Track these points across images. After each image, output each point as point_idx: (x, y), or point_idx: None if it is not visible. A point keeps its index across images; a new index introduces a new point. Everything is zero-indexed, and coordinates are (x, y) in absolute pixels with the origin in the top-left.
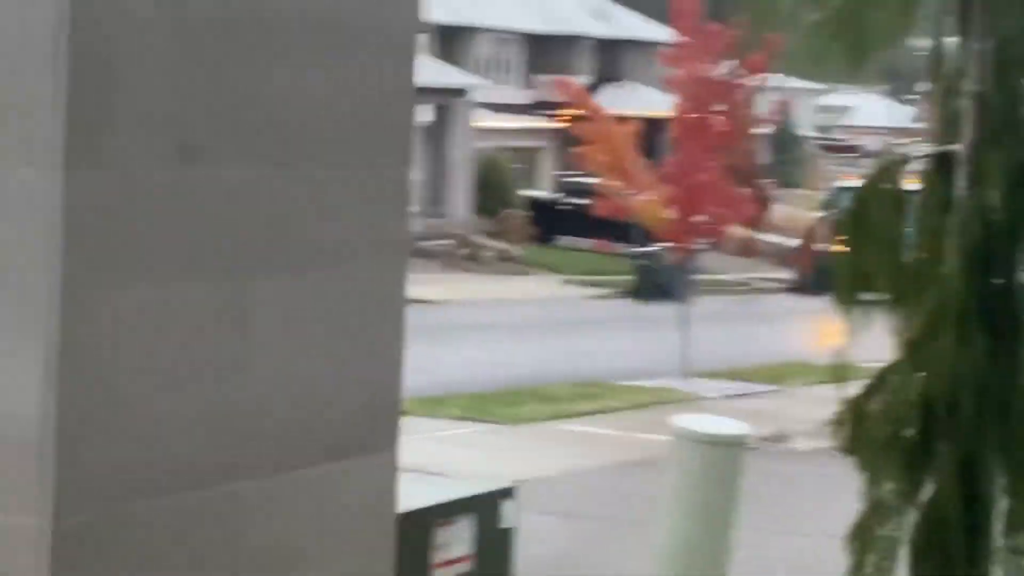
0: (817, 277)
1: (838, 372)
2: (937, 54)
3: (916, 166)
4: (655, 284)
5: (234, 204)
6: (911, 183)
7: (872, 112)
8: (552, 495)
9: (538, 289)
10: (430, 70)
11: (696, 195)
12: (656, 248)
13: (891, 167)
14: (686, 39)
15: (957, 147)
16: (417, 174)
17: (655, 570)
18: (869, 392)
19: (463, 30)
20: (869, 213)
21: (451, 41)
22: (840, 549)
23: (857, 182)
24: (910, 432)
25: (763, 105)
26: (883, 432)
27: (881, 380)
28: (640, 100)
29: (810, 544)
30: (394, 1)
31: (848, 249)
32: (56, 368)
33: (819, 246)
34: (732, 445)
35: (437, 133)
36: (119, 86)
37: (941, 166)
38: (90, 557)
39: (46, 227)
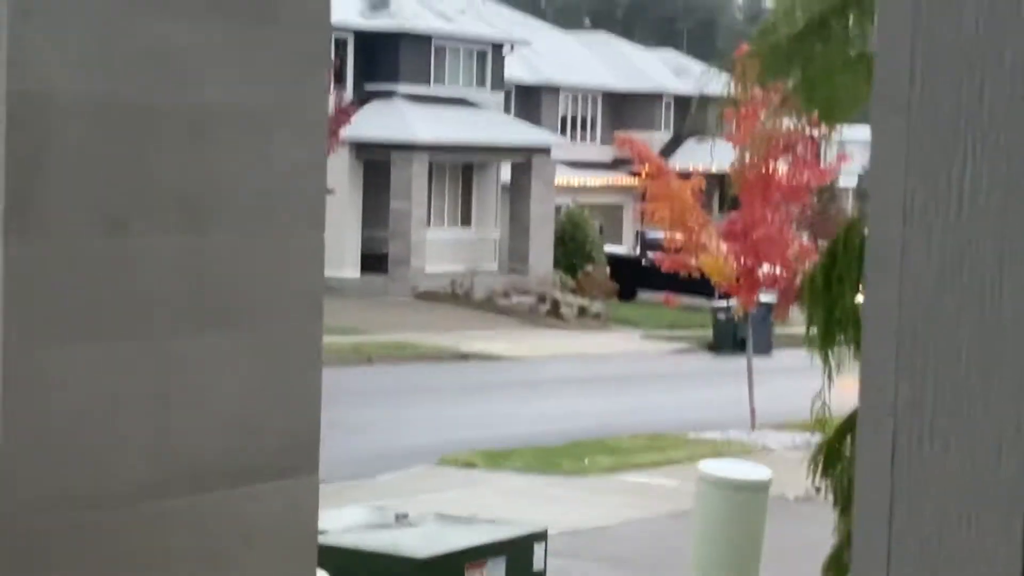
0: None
1: (817, 420)
2: None
3: None
4: (732, 337)
5: (158, 270)
6: None
7: None
8: (606, 543)
9: (617, 343)
10: (511, 129)
11: (759, 249)
12: (732, 302)
13: (858, 221)
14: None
15: None
16: (498, 231)
17: None
18: (842, 432)
19: (544, 89)
20: (838, 265)
21: (532, 100)
22: None
23: None
24: None
25: (828, 157)
26: (854, 470)
27: (853, 421)
28: (721, 156)
29: None
30: (304, 89)
31: (820, 298)
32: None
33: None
34: (755, 490)
35: (518, 191)
36: (50, 167)
37: None
38: (26, 566)
39: None
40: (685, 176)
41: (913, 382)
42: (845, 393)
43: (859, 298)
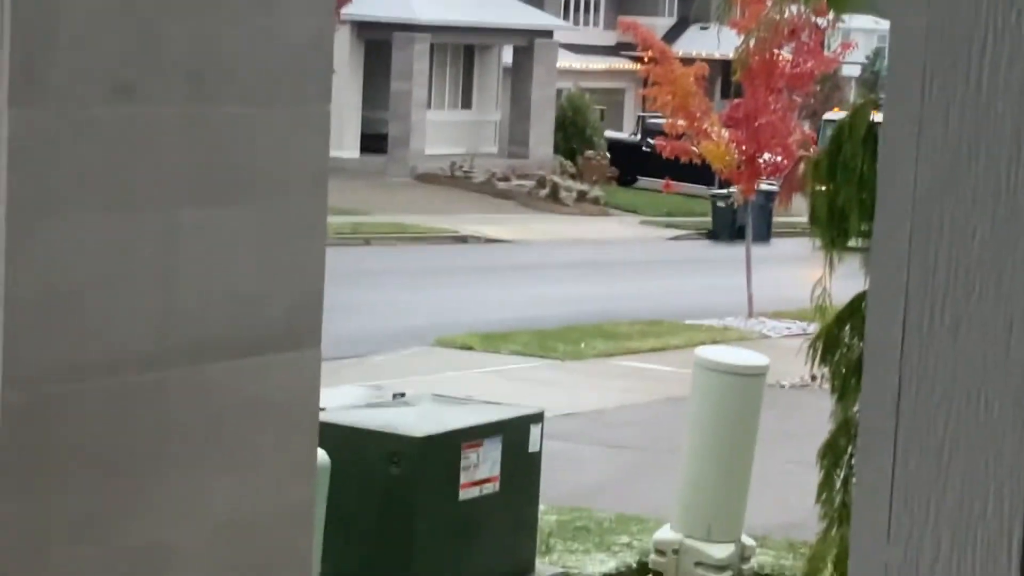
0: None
1: (818, 307)
2: None
3: None
4: (731, 225)
5: (164, 139)
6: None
7: None
8: (600, 426)
9: (616, 229)
10: (513, 11)
11: (761, 136)
12: (733, 189)
13: (864, 107)
14: None
15: None
16: (498, 114)
17: (677, 496)
18: (841, 319)
19: None
20: (842, 152)
21: None
22: None
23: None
24: None
25: (832, 45)
26: (852, 356)
27: (852, 307)
28: (727, 43)
29: None
30: None
31: (823, 187)
32: (3, 277)
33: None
34: (751, 376)
35: (519, 74)
36: (56, 34)
37: None
38: (30, 433)
39: None
40: (688, 62)
41: (925, 262)
42: (845, 282)
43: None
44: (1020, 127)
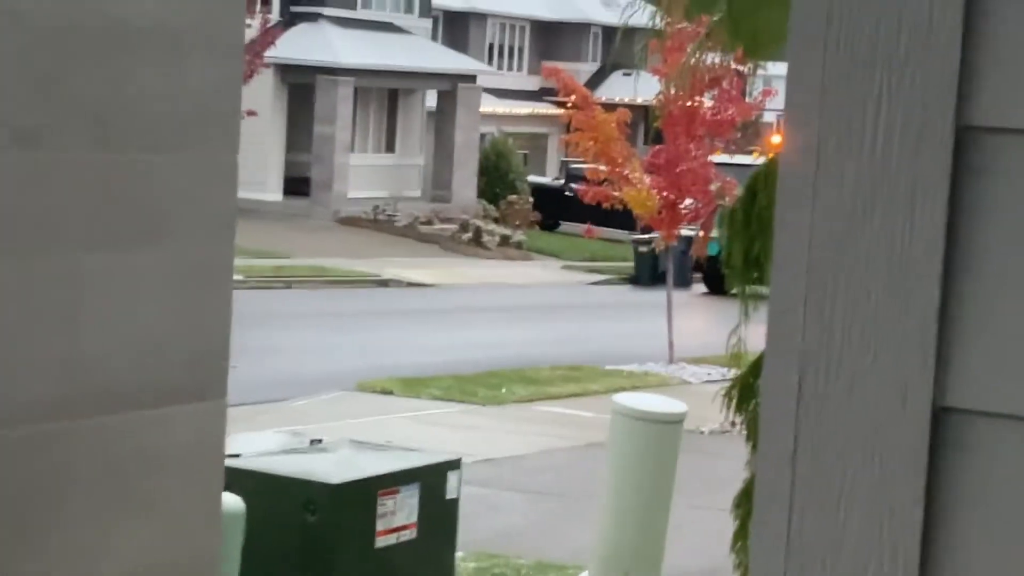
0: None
1: (733, 355)
2: None
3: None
4: (653, 270)
5: (69, 186)
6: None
7: None
8: (520, 473)
9: (538, 274)
10: (437, 55)
11: (682, 183)
12: (654, 235)
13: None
14: (674, 27)
15: None
16: (422, 158)
17: (595, 542)
18: (756, 368)
19: (471, 15)
20: (757, 201)
21: (459, 27)
22: None
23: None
24: None
25: (754, 92)
26: None
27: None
28: (649, 89)
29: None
30: (222, 9)
31: (738, 237)
32: None
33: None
34: (668, 423)
35: (443, 118)
36: None
37: None
38: None
39: None
40: (611, 108)
41: (821, 321)
42: (761, 329)
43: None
44: (914, 188)
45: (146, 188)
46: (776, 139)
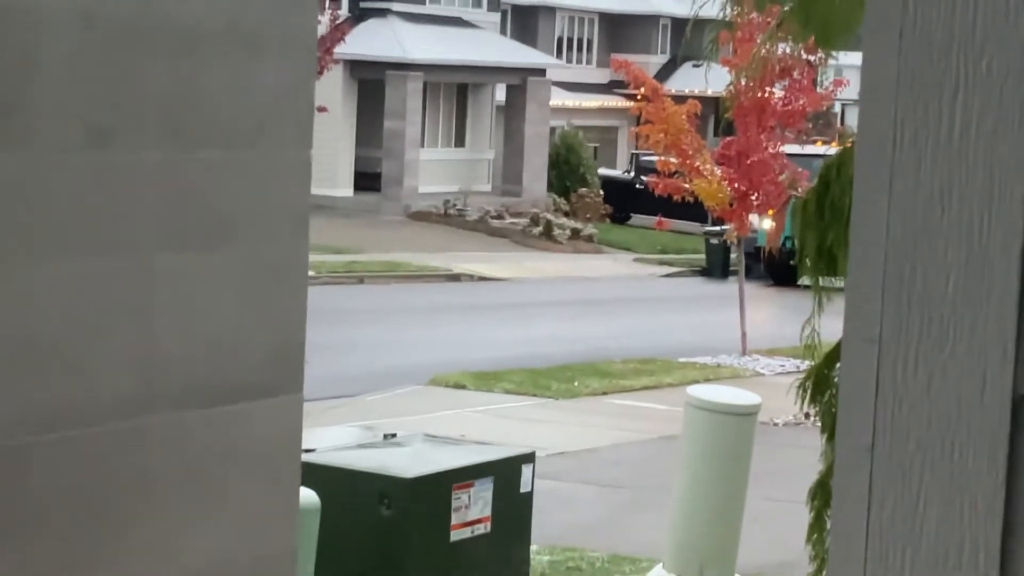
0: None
1: (808, 345)
2: None
3: None
4: (725, 262)
5: (141, 185)
6: None
7: None
8: (594, 466)
9: (609, 267)
10: (507, 49)
11: (754, 174)
12: (726, 227)
13: (852, 147)
14: (745, 18)
15: None
16: (492, 153)
17: (669, 536)
18: (831, 359)
19: (540, 9)
20: (830, 191)
21: (527, 20)
22: None
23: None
24: None
25: (825, 81)
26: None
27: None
28: (719, 80)
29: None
30: (295, 7)
31: (812, 228)
32: None
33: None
34: (743, 415)
35: (512, 112)
36: (34, 78)
37: None
38: (8, 481)
39: None
40: (680, 100)
41: (899, 310)
42: (835, 321)
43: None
44: (992, 175)
45: (219, 187)
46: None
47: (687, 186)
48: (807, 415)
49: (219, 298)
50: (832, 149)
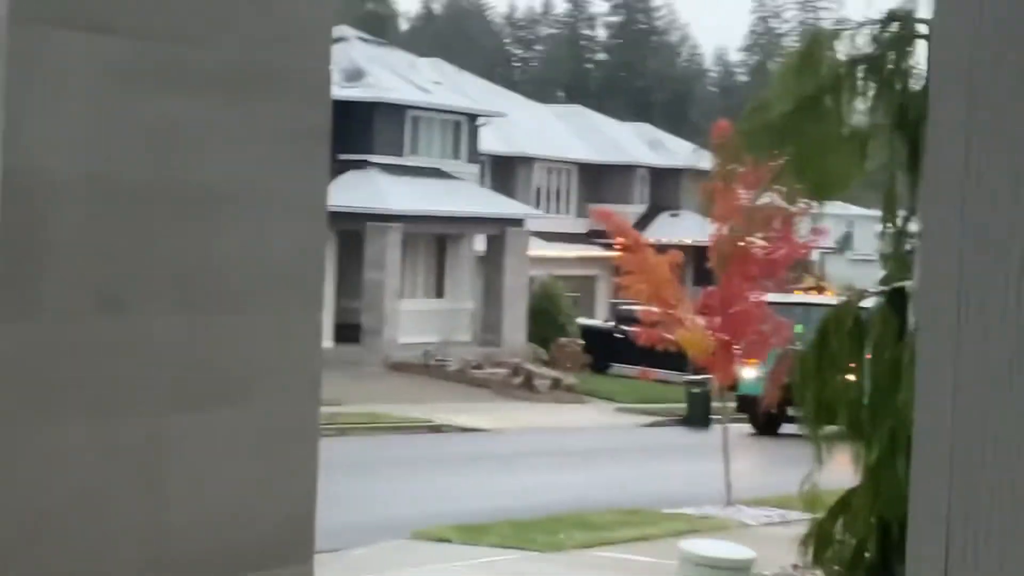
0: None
1: (808, 497)
2: (890, 196)
3: (872, 300)
4: (706, 411)
5: (153, 350)
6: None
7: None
8: None
9: (591, 416)
10: (485, 200)
11: (737, 324)
12: (707, 376)
13: (850, 301)
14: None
15: (909, 282)
16: (471, 303)
17: None
18: (833, 515)
19: (518, 160)
20: (828, 346)
21: (506, 171)
22: None
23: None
24: (870, 553)
25: (805, 232)
26: (846, 552)
27: (844, 503)
28: (696, 229)
29: None
30: (306, 171)
31: (811, 380)
32: None
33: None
34: (736, 569)
35: (491, 262)
36: (45, 246)
37: (895, 300)
38: None
39: None
40: (661, 249)
41: (969, 484)
42: (831, 472)
43: (850, 377)
44: None
45: (230, 350)
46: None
47: (670, 336)
48: (796, 566)
49: (229, 463)
50: (815, 298)
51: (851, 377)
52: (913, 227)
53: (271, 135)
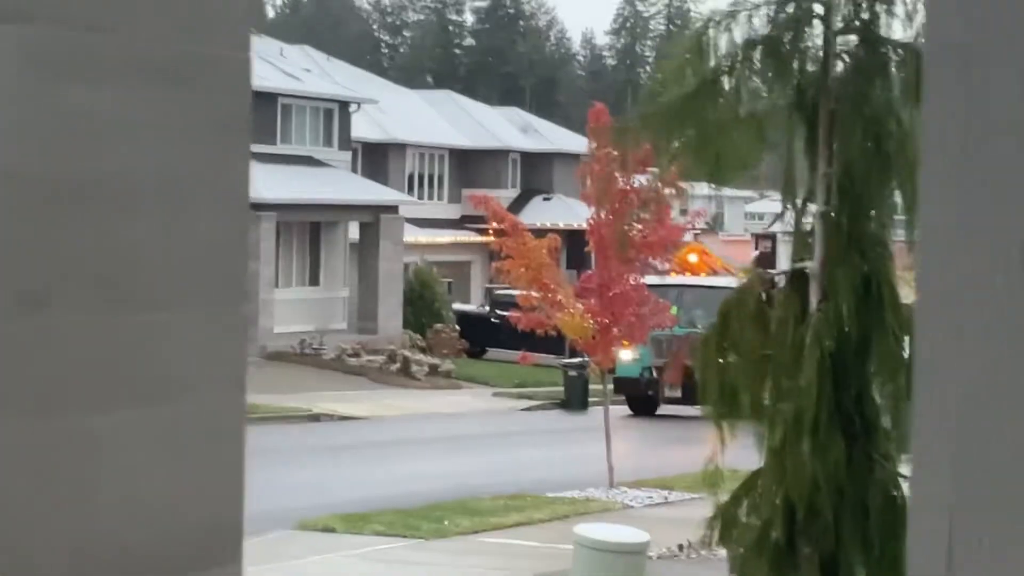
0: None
1: (710, 479)
2: (789, 178)
3: (774, 282)
4: (584, 394)
5: (75, 347)
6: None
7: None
8: None
9: (469, 402)
10: (359, 187)
11: (615, 306)
12: (584, 359)
13: (751, 284)
14: (601, 151)
15: (809, 264)
16: (346, 291)
17: None
18: (737, 497)
19: (390, 146)
20: (731, 329)
21: (378, 158)
22: None
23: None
24: (776, 534)
25: (682, 213)
26: (751, 535)
27: (748, 486)
28: (569, 213)
29: None
30: (227, 159)
31: (713, 363)
32: None
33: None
34: (631, 552)
35: (366, 249)
36: None
37: (796, 282)
38: None
39: None
40: (539, 233)
41: (971, 479)
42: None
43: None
44: None
45: (153, 347)
46: (692, 257)
47: (550, 320)
48: (681, 547)
49: (156, 463)
50: (691, 279)
51: (752, 359)
52: (812, 208)
53: (192, 125)
